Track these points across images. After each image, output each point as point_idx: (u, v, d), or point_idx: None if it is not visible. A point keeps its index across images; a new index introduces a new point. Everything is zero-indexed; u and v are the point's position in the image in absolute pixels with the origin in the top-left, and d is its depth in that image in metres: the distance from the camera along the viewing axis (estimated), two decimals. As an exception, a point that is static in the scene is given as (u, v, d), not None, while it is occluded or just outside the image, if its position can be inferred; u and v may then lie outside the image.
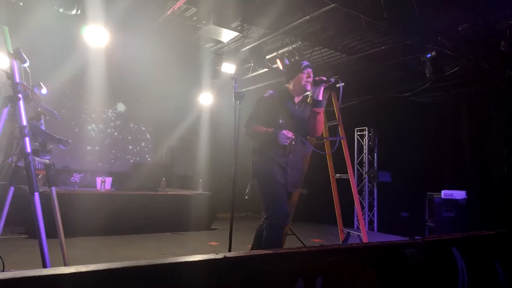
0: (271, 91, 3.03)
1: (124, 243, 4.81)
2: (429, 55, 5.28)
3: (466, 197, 5.91)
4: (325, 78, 2.96)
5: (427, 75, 5.46)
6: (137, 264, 1.24)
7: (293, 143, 2.96)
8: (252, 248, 3.13)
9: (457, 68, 5.79)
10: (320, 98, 2.99)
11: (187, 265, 1.36)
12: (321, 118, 3.03)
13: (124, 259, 3.83)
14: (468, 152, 6.63)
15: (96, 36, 5.22)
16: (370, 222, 7.78)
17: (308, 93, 3.18)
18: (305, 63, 3.08)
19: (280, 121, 2.93)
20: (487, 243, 2.46)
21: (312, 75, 3.02)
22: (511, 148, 5.84)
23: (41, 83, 3.05)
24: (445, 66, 5.57)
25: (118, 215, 5.30)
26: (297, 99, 3.07)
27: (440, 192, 6.27)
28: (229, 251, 2.86)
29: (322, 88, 2.99)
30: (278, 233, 2.90)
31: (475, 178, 6.40)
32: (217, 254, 1.43)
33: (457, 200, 5.92)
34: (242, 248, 4.12)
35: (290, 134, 2.83)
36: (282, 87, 3.15)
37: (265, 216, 2.91)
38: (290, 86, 3.07)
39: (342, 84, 3.05)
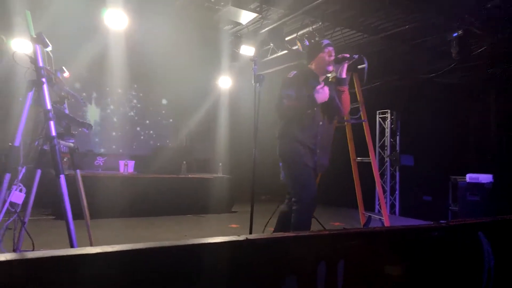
0: (295, 72, 2.97)
1: (146, 224, 4.92)
2: (455, 34, 5.08)
3: (493, 181, 5.75)
4: (348, 55, 2.88)
5: (453, 55, 5.27)
6: (161, 245, 1.25)
7: (321, 123, 2.91)
8: (275, 231, 3.12)
9: (484, 47, 5.56)
10: (344, 75, 2.93)
11: (210, 247, 1.36)
12: (346, 96, 2.98)
13: (147, 240, 3.91)
14: (495, 135, 6.41)
15: (116, 19, 5.24)
16: (392, 206, 7.69)
17: (330, 75, 3.12)
18: (326, 41, 3.01)
19: (307, 99, 2.84)
20: (515, 227, 2.39)
21: (333, 54, 2.95)
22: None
23: (63, 67, 3.08)
24: (471, 46, 5.36)
25: (140, 198, 5.41)
26: (321, 79, 3.00)
27: (465, 176, 6.12)
28: (250, 233, 2.87)
29: (346, 66, 2.92)
30: (307, 216, 2.87)
31: (502, 162, 6.20)
32: (239, 236, 1.43)
33: (483, 184, 5.76)
34: (265, 231, 4.14)
35: (326, 88, 2.80)
36: (304, 68, 3.08)
37: (294, 199, 2.87)
38: (313, 66, 3.01)
39: (366, 63, 2.99)
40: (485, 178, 5.77)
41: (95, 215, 4.58)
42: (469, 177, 5.96)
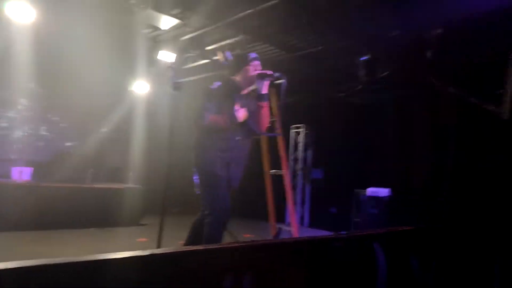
0: (218, 83, 2.94)
1: (42, 239, 4.46)
2: (363, 58, 5.54)
3: (390, 195, 6.32)
4: (270, 72, 2.92)
5: (360, 77, 5.73)
6: (52, 262, 1.13)
7: (237, 138, 2.91)
8: (186, 243, 3.05)
9: (387, 72, 6.13)
10: (264, 91, 2.94)
11: (109, 263, 1.27)
12: (265, 112, 3.00)
13: (41, 257, 3.54)
14: (393, 152, 7.09)
15: (21, 12, 4.74)
16: (301, 218, 8.02)
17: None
18: (253, 55, 3.04)
19: (227, 113, 2.86)
20: (405, 238, 2.63)
21: (259, 68, 2.99)
22: (432, 150, 6.34)
23: None
24: (377, 70, 5.87)
25: (38, 209, 4.88)
26: (244, 91, 3.02)
27: (366, 190, 6.64)
28: (158, 247, 2.76)
29: (267, 82, 2.94)
30: (219, 228, 2.85)
31: (399, 178, 6.87)
32: (143, 250, 1.36)
33: (381, 197, 6.31)
34: (174, 244, 4.00)
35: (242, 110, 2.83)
36: (227, 79, 3.05)
37: (206, 212, 2.83)
38: (237, 78, 3.00)
39: (285, 81, 3.01)
40: (384, 192, 6.33)
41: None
42: (370, 191, 6.49)
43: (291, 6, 4.56)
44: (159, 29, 5.53)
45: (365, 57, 5.57)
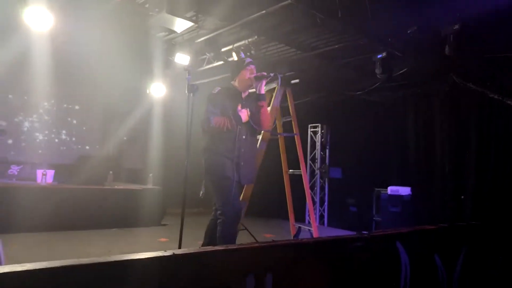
0: (219, 88, 3.13)
1: (67, 239, 4.56)
2: (379, 56, 5.46)
3: (411, 193, 6.22)
4: (265, 73, 3.11)
5: (377, 75, 5.65)
6: (78, 263, 1.16)
7: (244, 137, 3.03)
8: (203, 244, 3.13)
9: (405, 69, 6.04)
10: (262, 92, 3.14)
11: (134, 263, 1.29)
12: (265, 111, 3.17)
13: (66, 257, 3.61)
14: (413, 150, 6.97)
15: (39, 19, 4.85)
16: (321, 217, 7.97)
17: (253, 90, 3.27)
18: (248, 59, 3.23)
19: (231, 115, 3.01)
20: (428, 237, 2.59)
21: (255, 71, 3.16)
22: (452, 148, 6.20)
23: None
24: (394, 67, 5.79)
25: (61, 210, 5.01)
26: (243, 95, 3.18)
27: (387, 188, 6.55)
28: (179, 247, 2.80)
29: (264, 82, 3.14)
30: (232, 229, 2.96)
31: (420, 175, 6.74)
32: (165, 251, 1.38)
33: (402, 196, 6.21)
34: (194, 244, 4.04)
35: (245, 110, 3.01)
36: (228, 84, 3.24)
37: (219, 212, 2.94)
38: (236, 83, 3.18)
39: (280, 79, 3.38)
40: (404, 190, 6.24)
41: (7, 229, 4.18)
42: (390, 189, 6.40)
43: (305, 6, 4.55)
44: (174, 32, 5.58)
45: (381, 55, 5.49)
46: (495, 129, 5.83)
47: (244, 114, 3.02)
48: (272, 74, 3.15)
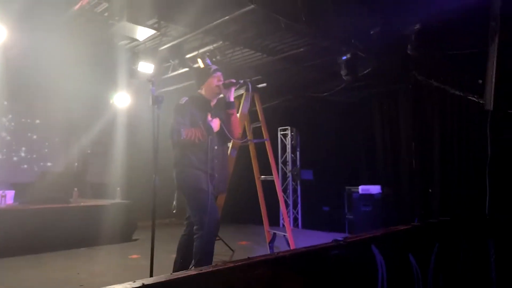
0: (186, 98, 3.01)
1: (33, 263, 4.30)
2: (344, 57, 5.53)
3: (381, 192, 6.35)
4: (234, 80, 3.04)
5: (343, 76, 5.72)
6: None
7: (216, 147, 2.95)
8: (175, 261, 3.02)
9: (369, 69, 6.15)
10: (232, 99, 3.07)
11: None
12: (235, 119, 3.10)
13: (33, 283, 3.41)
14: (381, 148, 7.11)
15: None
16: (295, 220, 7.99)
17: (221, 95, 3.20)
18: (214, 67, 3.14)
19: (201, 125, 2.92)
20: (402, 237, 2.61)
21: (222, 78, 3.08)
22: (418, 143, 6.37)
23: None
24: (358, 68, 5.88)
25: (24, 233, 4.72)
26: (212, 103, 3.10)
27: (357, 187, 6.65)
28: (151, 272, 2.66)
29: (233, 90, 3.07)
30: (211, 242, 2.87)
31: (388, 173, 6.89)
32: (134, 281, 1.28)
33: (373, 194, 6.33)
34: (167, 259, 3.90)
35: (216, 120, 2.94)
36: (195, 93, 3.15)
37: (196, 226, 2.83)
38: (203, 91, 3.09)
39: (250, 86, 3.35)
40: (375, 189, 6.35)
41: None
42: (361, 188, 6.50)
43: (268, 10, 4.53)
44: (137, 40, 5.43)
45: (346, 56, 5.56)
46: (457, 124, 6.04)
47: (216, 124, 2.94)
48: (241, 81, 3.09)
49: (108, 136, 7.63)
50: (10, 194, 5.15)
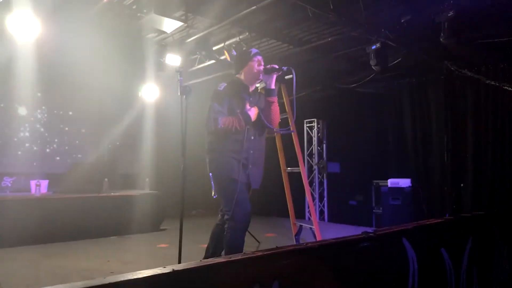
0: (224, 84, 2.90)
1: (65, 251, 4.45)
2: (373, 47, 5.38)
3: (411, 185, 6.18)
4: (277, 66, 2.89)
5: (372, 66, 5.58)
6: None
7: (252, 138, 2.86)
8: (207, 249, 3.00)
9: (399, 59, 5.97)
10: (273, 86, 2.93)
11: (130, 284, 1.20)
12: (275, 107, 2.97)
13: (65, 270, 3.52)
14: (411, 141, 6.92)
15: (23, 25, 4.71)
16: (321, 213, 7.92)
17: (258, 85, 3.11)
18: (254, 50, 3.00)
19: (239, 114, 2.81)
20: (434, 231, 2.53)
21: (263, 63, 2.94)
22: (450, 136, 6.16)
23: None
24: (388, 58, 5.73)
25: (57, 221, 4.89)
26: (251, 89, 2.97)
27: (386, 180, 6.51)
28: (179, 259, 2.69)
29: (275, 77, 2.93)
30: (241, 233, 2.79)
31: (418, 167, 6.70)
32: (164, 267, 1.29)
33: (403, 188, 6.17)
34: (195, 249, 3.96)
35: (254, 109, 2.82)
36: (233, 78, 3.02)
37: (227, 217, 2.77)
38: (242, 76, 2.96)
39: (294, 74, 3.00)
40: (405, 182, 6.19)
41: (3, 244, 4.07)
42: (391, 182, 6.35)
43: (293, 1, 4.46)
44: (164, 32, 5.48)
45: (375, 46, 5.41)
46: (492, 115, 5.79)
47: (253, 113, 2.83)
48: (285, 68, 2.91)
49: (137, 128, 7.80)
50: (44, 183, 5.33)
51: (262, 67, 2.92)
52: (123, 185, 7.32)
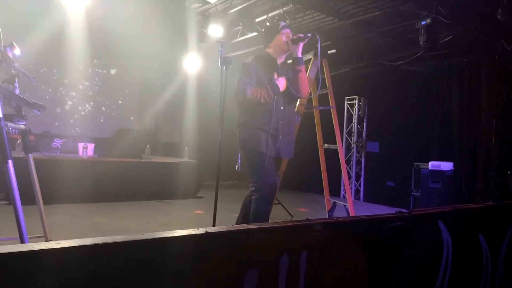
0: (252, 57, 2.96)
1: (107, 210, 4.74)
2: (423, 22, 5.10)
3: (453, 169, 5.95)
4: (302, 35, 2.91)
5: (421, 43, 5.30)
6: (112, 241, 1.16)
7: (282, 108, 2.90)
8: (238, 218, 3.11)
9: (451, 36, 5.64)
10: (299, 55, 2.95)
11: (166, 241, 1.28)
12: (303, 76, 2.99)
13: (107, 227, 3.76)
14: (457, 124, 6.60)
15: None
16: (357, 192, 7.85)
17: (289, 61, 3.11)
18: (282, 23, 3.02)
19: (267, 85, 2.86)
20: (472, 216, 2.46)
21: (291, 35, 2.97)
22: (500, 120, 5.82)
23: (14, 43, 2.82)
24: (439, 35, 5.42)
25: (101, 182, 5.19)
26: (279, 61, 3.02)
27: (427, 163, 6.30)
28: (214, 224, 2.80)
29: (301, 45, 2.94)
30: (266, 206, 2.88)
31: (463, 151, 6.41)
32: (198, 229, 1.36)
33: (444, 171, 5.96)
34: (228, 217, 4.09)
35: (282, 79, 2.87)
36: (261, 52, 3.08)
37: (253, 188, 2.87)
38: (270, 50, 3.02)
39: (319, 40, 3.09)
40: (446, 166, 5.97)
41: (52, 200, 4.39)
42: (432, 164, 6.14)
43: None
44: (208, 2, 5.47)
45: (426, 21, 5.12)
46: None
47: (282, 83, 2.87)
48: (309, 35, 2.93)
49: (178, 98, 7.99)
50: (90, 146, 5.64)
51: (289, 39, 2.95)
52: (164, 152, 7.59)
